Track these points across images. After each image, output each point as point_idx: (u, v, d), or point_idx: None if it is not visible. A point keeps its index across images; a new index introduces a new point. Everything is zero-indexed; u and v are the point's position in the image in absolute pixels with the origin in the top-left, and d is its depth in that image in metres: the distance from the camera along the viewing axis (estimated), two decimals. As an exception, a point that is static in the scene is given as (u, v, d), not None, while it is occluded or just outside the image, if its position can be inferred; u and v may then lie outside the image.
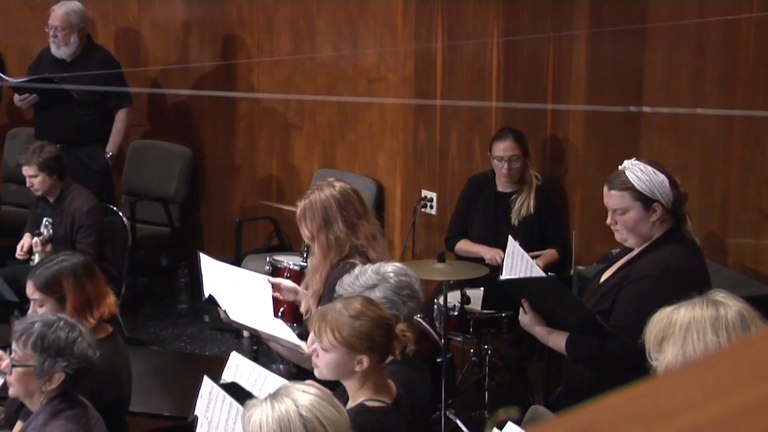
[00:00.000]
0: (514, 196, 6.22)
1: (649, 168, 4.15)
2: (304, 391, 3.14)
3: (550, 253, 6.15)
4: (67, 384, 3.73)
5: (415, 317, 5.69)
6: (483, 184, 6.34)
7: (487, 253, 6.07)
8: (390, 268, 4.04)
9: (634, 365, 3.76)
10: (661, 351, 3.16)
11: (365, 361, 3.55)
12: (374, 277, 3.98)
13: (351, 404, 3.56)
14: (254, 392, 3.73)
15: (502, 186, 6.26)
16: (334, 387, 3.63)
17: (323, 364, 3.60)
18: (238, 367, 4.21)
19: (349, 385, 3.62)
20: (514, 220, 6.19)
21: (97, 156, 7.42)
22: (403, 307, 3.98)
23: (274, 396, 3.14)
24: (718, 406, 0.87)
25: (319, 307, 3.92)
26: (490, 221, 6.28)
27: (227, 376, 4.16)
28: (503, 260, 4.67)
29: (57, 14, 7.38)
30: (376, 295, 3.93)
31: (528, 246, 6.17)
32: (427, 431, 4.47)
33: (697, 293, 3.29)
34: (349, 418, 3.25)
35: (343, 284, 4.03)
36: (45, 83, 7.13)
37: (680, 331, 3.13)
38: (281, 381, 3.63)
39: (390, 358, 3.67)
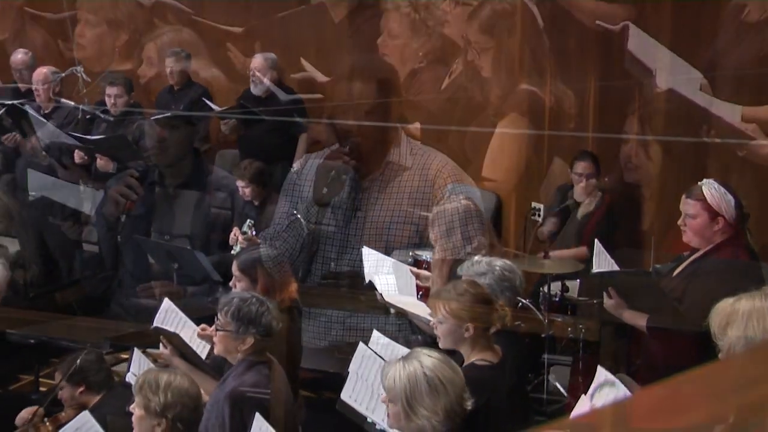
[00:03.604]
0: (585, 201, 6.09)
1: (722, 188, 4.07)
2: (428, 355, 3.18)
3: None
4: (257, 345, 3.79)
5: (523, 301, 5.66)
6: (566, 191, 6.25)
7: None
8: (499, 263, 3.99)
9: (700, 345, 3.66)
10: (725, 334, 3.07)
11: (471, 328, 3.54)
12: (485, 267, 3.95)
13: (465, 364, 3.55)
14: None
15: (578, 195, 6.13)
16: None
17: (441, 334, 3.61)
18: (379, 343, 4.27)
19: (463, 350, 3.61)
20: (579, 215, 6.08)
21: (285, 172, 7.52)
22: (501, 294, 3.92)
23: (405, 358, 3.19)
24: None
25: (435, 290, 3.91)
26: (565, 218, 6.24)
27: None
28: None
29: (256, 60, 7.63)
30: (483, 281, 3.88)
31: (577, 238, 6.07)
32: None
33: (752, 287, 3.19)
34: (463, 374, 3.25)
35: (463, 267, 4.00)
36: (244, 112, 7.39)
37: (742, 317, 3.05)
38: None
39: (493, 329, 3.63)
